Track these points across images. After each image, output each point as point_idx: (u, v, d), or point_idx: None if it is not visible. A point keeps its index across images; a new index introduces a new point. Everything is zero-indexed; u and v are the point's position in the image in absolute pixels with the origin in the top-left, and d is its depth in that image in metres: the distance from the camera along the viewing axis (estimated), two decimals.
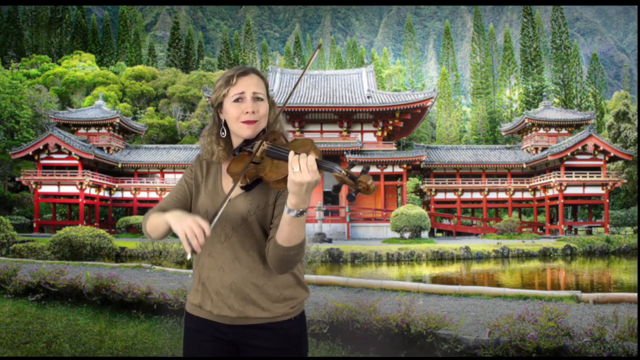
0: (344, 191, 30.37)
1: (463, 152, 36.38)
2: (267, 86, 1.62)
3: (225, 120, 1.60)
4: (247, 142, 1.57)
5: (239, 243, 1.54)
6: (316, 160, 1.33)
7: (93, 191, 32.99)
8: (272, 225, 1.53)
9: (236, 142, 1.62)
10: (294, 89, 1.76)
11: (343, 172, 1.30)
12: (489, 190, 34.66)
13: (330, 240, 24.34)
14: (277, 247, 1.43)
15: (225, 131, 1.61)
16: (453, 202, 34.75)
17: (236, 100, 1.54)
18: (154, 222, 1.52)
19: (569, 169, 31.97)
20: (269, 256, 1.49)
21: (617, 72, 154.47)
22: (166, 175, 35.72)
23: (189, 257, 1.38)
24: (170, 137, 49.98)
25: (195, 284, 1.62)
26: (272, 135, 1.54)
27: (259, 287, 1.54)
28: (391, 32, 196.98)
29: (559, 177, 31.41)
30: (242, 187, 1.52)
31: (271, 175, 1.42)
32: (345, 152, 31.88)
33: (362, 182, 1.28)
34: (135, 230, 28.24)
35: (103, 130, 36.21)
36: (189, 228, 1.34)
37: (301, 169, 1.30)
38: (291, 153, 1.34)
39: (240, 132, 1.56)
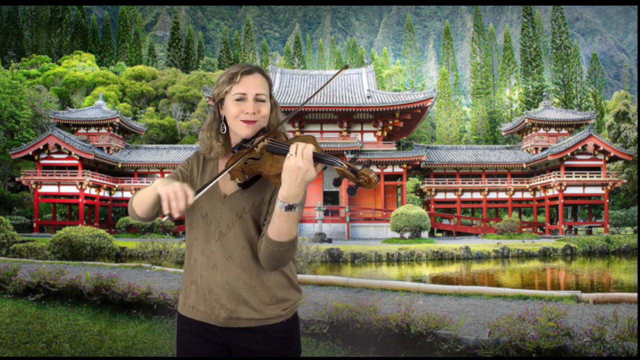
0: (344, 189, 30.24)
1: (463, 152, 36.37)
2: (270, 86, 1.59)
3: (225, 117, 1.58)
4: (247, 141, 1.54)
5: (233, 241, 1.52)
6: (317, 153, 1.32)
7: (93, 191, 33.00)
8: (266, 221, 1.51)
9: (235, 139, 1.59)
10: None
11: (344, 165, 1.30)
12: (489, 190, 34.66)
13: (330, 240, 24.33)
14: (268, 241, 1.42)
15: (225, 128, 1.58)
16: (453, 202, 34.75)
17: (238, 100, 1.52)
18: (140, 195, 1.52)
19: (569, 169, 31.97)
20: (260, 251, 1.48)
21: (617, 72, 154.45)
22: (166, 175, 35.68)
23: (164, 218, 1.37)
24: (170, 137, 49.97)
25: (188, 283, 1.60)
26: (273, 134, 1.51)
27: (252, 287, 1.52)
28: (391, 32, 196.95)
29: (559, 177, 31.40)
30: (239, 185, 1.50)
31: (271, 169, 1.41)
32: (345, 152, 31.86)
33: (363, 174, 1.27)
34: (135, 230, 28.19)
35: (103, 130, 36.21)
36: (172, 191, 1.33)
37: (296, 153, 1.29)
38: (293, 144, 1.35)
39: (238, 130, 1.53)
